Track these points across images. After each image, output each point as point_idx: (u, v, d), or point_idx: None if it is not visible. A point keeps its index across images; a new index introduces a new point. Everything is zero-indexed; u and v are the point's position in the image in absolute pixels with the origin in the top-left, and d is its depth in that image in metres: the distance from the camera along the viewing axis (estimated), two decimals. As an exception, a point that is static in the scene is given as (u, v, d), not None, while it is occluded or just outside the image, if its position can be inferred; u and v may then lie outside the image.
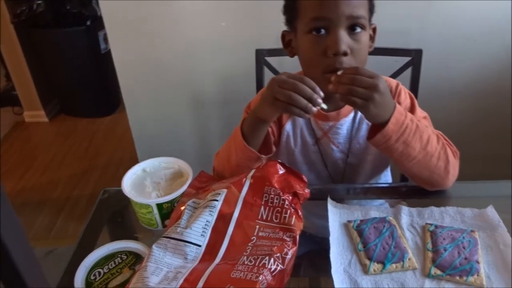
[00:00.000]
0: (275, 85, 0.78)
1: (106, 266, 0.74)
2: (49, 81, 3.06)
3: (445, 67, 1.63)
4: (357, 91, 0.76)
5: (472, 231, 0.78)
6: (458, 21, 1.55)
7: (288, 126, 1.02)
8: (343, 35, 0.83)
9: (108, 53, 1.72)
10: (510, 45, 1.58)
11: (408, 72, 1.29)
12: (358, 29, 0.84)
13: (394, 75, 1.28)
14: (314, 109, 0.76)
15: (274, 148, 0.93)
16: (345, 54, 0.83)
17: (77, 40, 2.84)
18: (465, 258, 0.72)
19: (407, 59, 1.28)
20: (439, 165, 0.86)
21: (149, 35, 1.65)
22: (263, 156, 0.87)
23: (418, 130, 0.83)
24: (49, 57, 2.91)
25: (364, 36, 0.86)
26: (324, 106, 0.78)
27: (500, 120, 1.74)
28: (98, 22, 2.77)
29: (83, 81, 3.01)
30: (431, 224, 0.80)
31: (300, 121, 1.01)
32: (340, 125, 0.99)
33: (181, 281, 0.61)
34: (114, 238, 0.80)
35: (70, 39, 2.83)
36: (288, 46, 0.96)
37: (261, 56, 1.34)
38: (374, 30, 0.93)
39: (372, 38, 0.93)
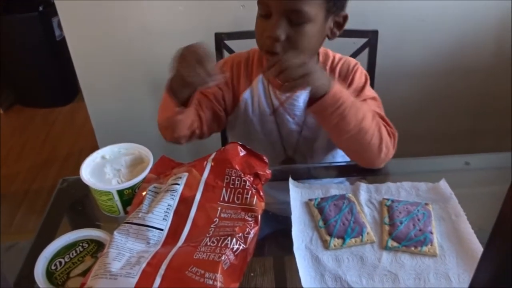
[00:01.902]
0: (179, 57, 0.83)
1: (67, 256, 0.73)
2: (2, 71, 2.92)
3: (400, 47, 1.67)
4: (295, 72, 0.80)
5: (426, 204, 0.82)
6: (410, 2, 1.58)
7: (246, 95, 1.04)
8: (281, 22, 0.86)
9: (64, 40, 1.65)
10: (461, 25, 1.64)
11: (365, 53, 1.32)
12: (300, 21, 0.87)
13: (352, 56, 1.30)
14: (211, 84, 0.82)
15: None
16: (276, 39, 0.87)
17: (30, 27, 2.71)
18: (420, 230, 0.76)
19: (364, 40, 1.31)
20: (373, 143, 0.89)
21: (105, 21, 1.60)
22: (183, 109, 0.90)
23: (354, 106, 0.86)
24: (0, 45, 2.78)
25: (307, 28, 0.88)
26: (222, 79, 0.84)
27: (453, 99, 1.81)
28: (51, 8, 2.65)
29: (38, 69, 2.89)
30: (388, 199, 0.83)
31: (259, 90, 1.03)
32: (296, 97, 1.02)
33: (143, 265, 0.61)
34: (75, 227, 0.79)
35: (22, 25, 2.70)
36: None
37: (220, 40, 1.33)
38: (344, 18, 0.95)
39: (340, 26, 0.95)
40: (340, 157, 1.10)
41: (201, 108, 0.98)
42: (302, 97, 1.02)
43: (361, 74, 1.01)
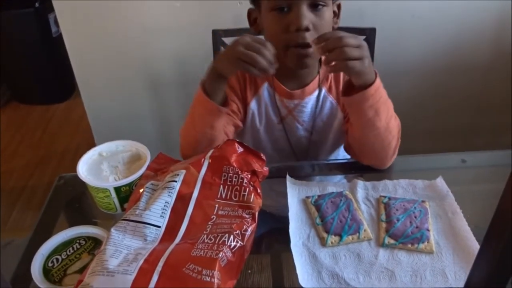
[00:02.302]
0: (240, 46, 0.79)
1: (64, 253, 0.73)
2: (-2, 67, 2.91)
3: (398, 45, 1.67)
4: (351, 52, 0.76)
5: (423, 201, 0.82)
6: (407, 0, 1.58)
7: (253, 105, 1.03)
8: (305, 11, 0.85)
9: (60, 37, 1.65)
10: (459, 22, 1.64)
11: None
12: (320, 6, 0.87)
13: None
14: (272, 70, 0.79)
15: (229, 103, 0.93)
16: (307, 29, 0.85)
17: (26, 23, 2.69)
18: (417, 227, 0.76)
19: (362, 37, 1.31)
20: (392, 144, 0.89)
21: (101, 17, 1.59)
22: (223, 108, 0.88)
23: (387, 103, 0.86)
24: (-5, 42, 2.76)
25: (326, 12, 0.88)
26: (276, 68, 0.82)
27: (451, 96, 1.81)
28: (48, 4, 2.63)
29: (35, 66, 2.87)
30: (385, 197, 0.83)
31: (265, 99, 1.02)
32: (305, 103, 1.01)
33: (141, 262, 0.61)
34: (72, 224, 0.79)
35: (18, 22, 2.68)
36: (254, 23, 0.97)
37: (218, 37, 1.32)
38: (338, 6, 0.95)
39: (336, 15, 0.96)
40: (341, 157, 1.10)
41: (225, 125, 0.96)
42: (310, 102, 1.01)
43: None
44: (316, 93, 1.01)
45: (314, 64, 0.98)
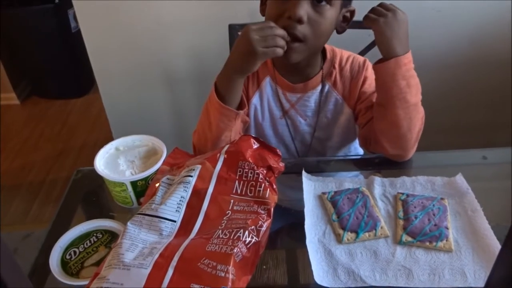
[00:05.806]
0: (254, 34, 0.79)
1: (82, 245, 0.74)
2: (19, 63, 2.96)
3: (416, 39, 1.63)
4: (375, 8, 0.85)
5: (442, 198, 0.80)
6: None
7: (255, 99, 1.02)
8: (304, 2, 0.83)
9: (79, 32, 1.66)
10: (478, 16, 1.60)
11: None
12: (323, 2, 0.84)
13: (366, 49, 1.28)
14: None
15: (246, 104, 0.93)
16: (299, 21, 0.83)
17: (46, 19, 2.74)
18: (435, 225, 0.75)
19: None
20: (417, 126, 0.88)
21: (119, 13, 1.60)
22: (241, 111, 0.87)
23: (418, 83, 0.87)
24: (16, 38, 2.81)
25: (328, 11, 0.85)
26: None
27: (471, 91, 1.78)
28: (67, 0, 2.67)
29: (54, 61, 2.92)
30: (402, 193, 0.82)
31: (268, 93, 1.02)
32: (307, 97, 1.00)
33: (156, 256, 0.61)
34: (89, 217, 0.80)
35: (38, 18, 2.73)
36: (263, 4, 0.95)
37: (234, 32, 1.32)
38: (352, 13, 0.93)
39: (347, 20, 0.93)
40: (353, 153, 1.09)
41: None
42: (313, 97, 1.00)
43: (372, 70, 0.99)
44: (319, 87, 0.99)
45: (314, 61, 0.97)
